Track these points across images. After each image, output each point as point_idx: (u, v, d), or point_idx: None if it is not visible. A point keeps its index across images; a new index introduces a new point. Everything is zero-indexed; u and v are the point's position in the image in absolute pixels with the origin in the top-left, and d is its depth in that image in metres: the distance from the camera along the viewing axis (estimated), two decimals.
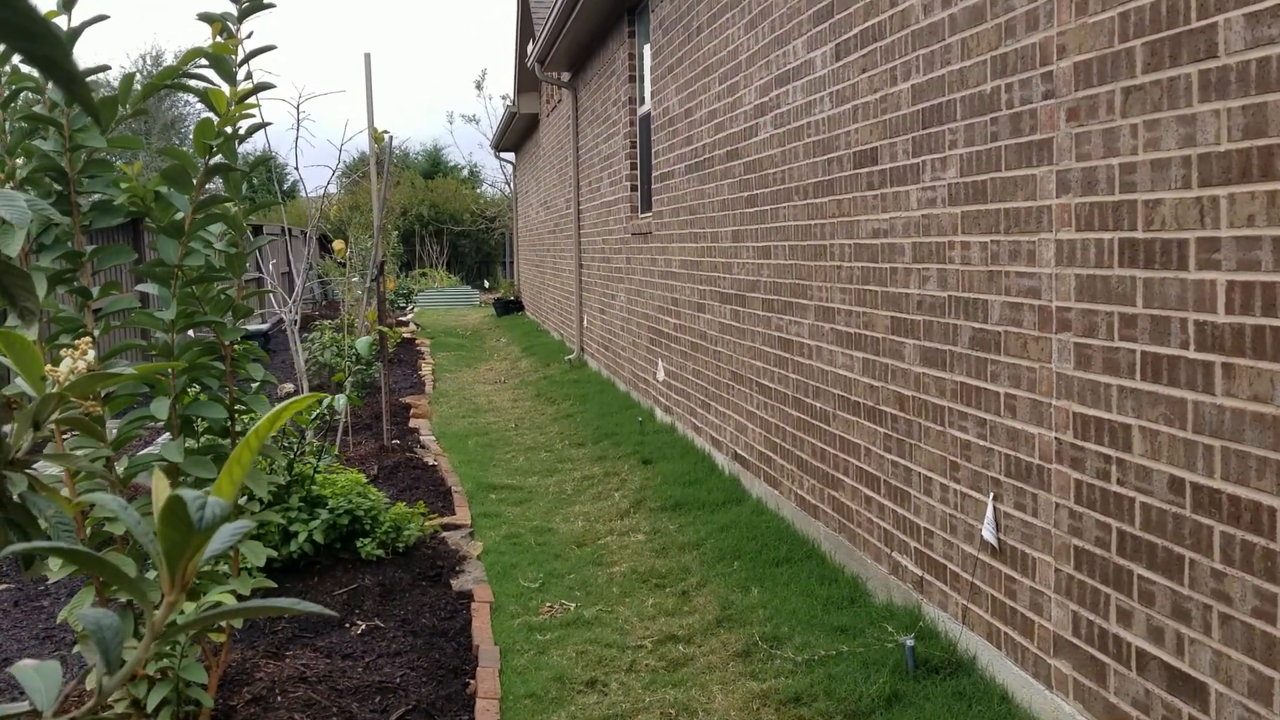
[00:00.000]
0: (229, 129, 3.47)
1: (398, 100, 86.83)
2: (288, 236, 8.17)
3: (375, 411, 10.16)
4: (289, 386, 12.47)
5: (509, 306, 23.07)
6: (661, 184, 8.91)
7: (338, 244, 7.78)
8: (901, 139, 4.35)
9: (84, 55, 64.47)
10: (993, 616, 3.75)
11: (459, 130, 58.39)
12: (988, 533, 3.71)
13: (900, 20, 4.34)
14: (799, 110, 5.54)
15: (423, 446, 8.88)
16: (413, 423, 10.09)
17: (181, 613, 3.48)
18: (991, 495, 3.71)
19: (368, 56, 8.24)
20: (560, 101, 15.66)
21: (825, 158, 5.19)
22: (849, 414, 5.00)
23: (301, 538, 5.33)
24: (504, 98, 21.02)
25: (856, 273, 4.85)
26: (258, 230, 18.67)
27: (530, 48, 14.46)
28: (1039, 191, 3.39)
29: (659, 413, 9.24)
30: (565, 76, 14.29)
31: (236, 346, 4.38)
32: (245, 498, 3.92)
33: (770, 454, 6.23)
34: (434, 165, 43.48)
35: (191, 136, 3.50)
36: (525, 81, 18.45)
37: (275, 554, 4.02)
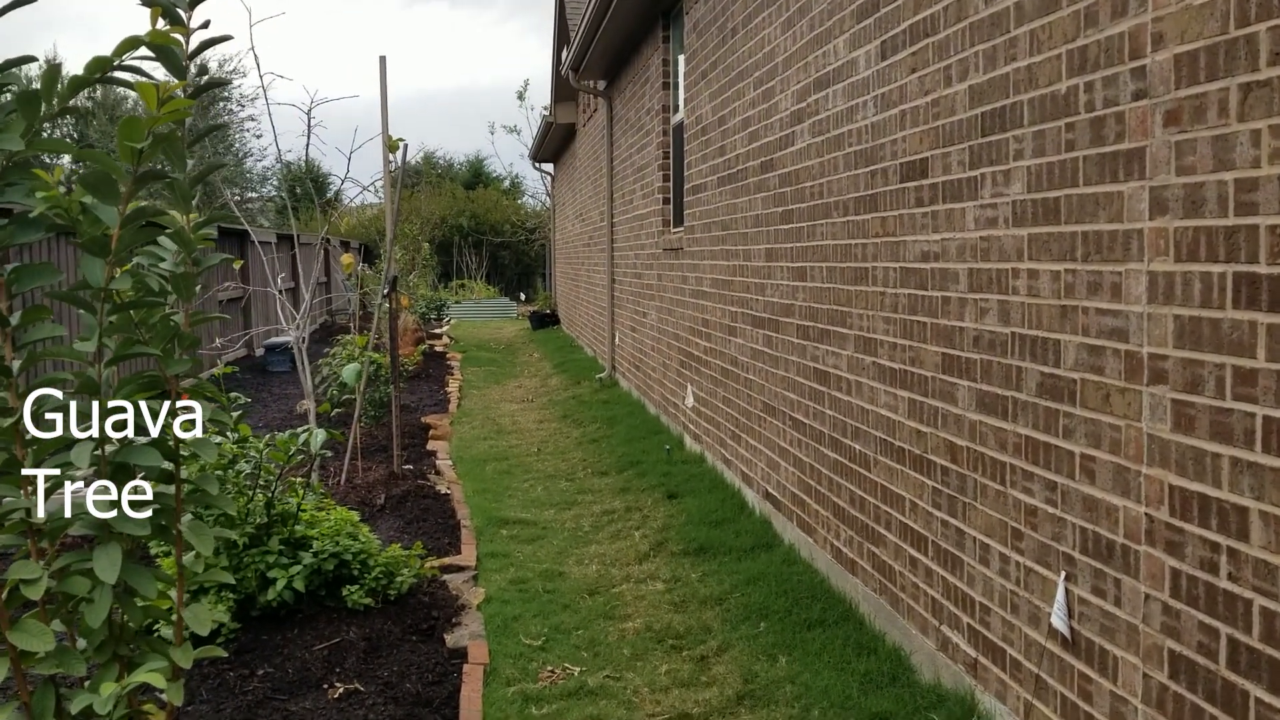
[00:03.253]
0: (163, 129, 2.96)
1: (443, 110, 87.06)
2: (309, 246, 7.73)
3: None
4: (307, 404, 12.03)
5: (544, 320, 22.63)
6: (694, 196, 8.35)
7: (345, 258, 7.32)
8: (957, 148, 3.75)
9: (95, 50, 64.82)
10: (1062, 719, 3.13)
11: (501, 141, 58.20)
12: (1057, 619, 3.10)
13: (956, 11, 3.75)
14: (839, 116, 4.96)
15: (437, 472, 8.37)
16: (431, 444, 9.60)
17: None
18: (1063, 575, 3.10)
19: (383, 60, 7.77)
20: (595, 111, 15.17)
21: (868, 169, 4.60)
22: (892, 460, 4.40)
23: (280, 585, 4.81)
24: (544, 109, 20.63)
25: (902, 300, 4.25)
26: (289, 240, 18.27)
27: (565, 54, 13.99)
28: (1127, 212, 2.79)
29: (688, 440, 8.67)
30: (600, 85, 13.79)
31: (222, 368, 3.83)
32: (192, 554, 3.41)
33: (804, 497, 5.64)
34: (475, 176, 43.23)
35: (240, 146, 3.01)
36: (562, 91, 17.99)
37: (221, 622, 3.51)
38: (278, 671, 4.50)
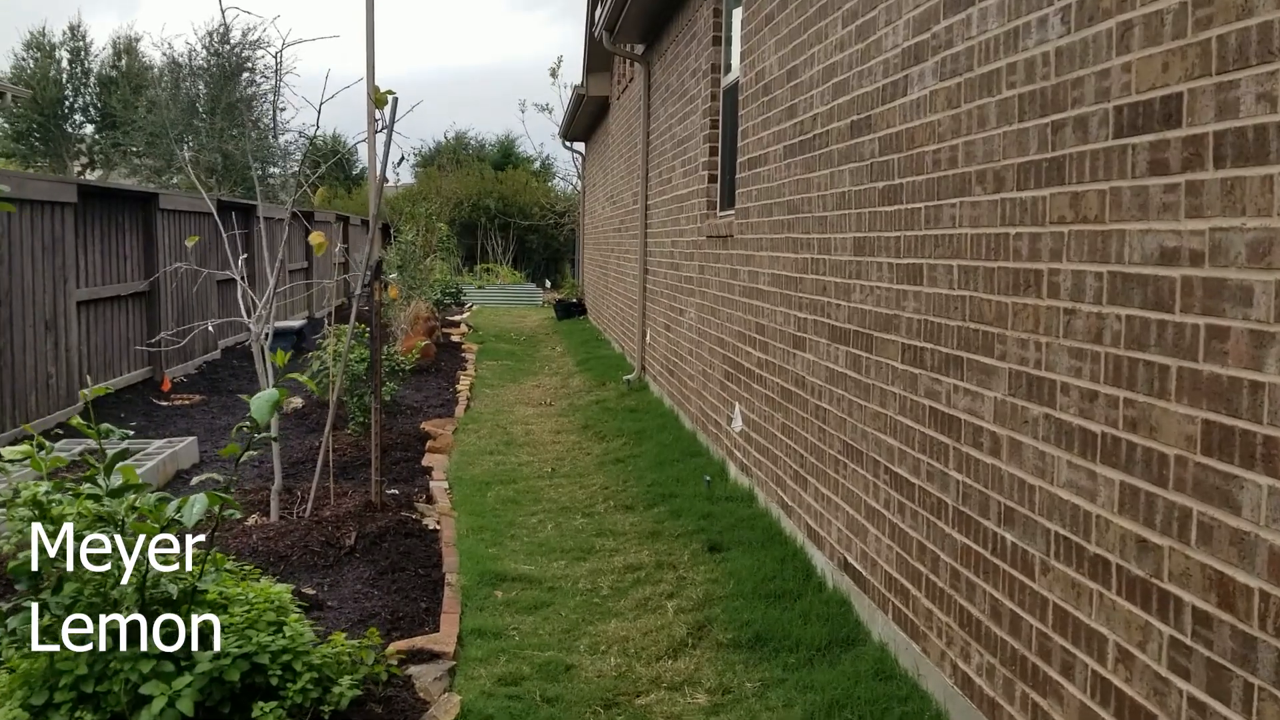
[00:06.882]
0: None
1: (473, 89, 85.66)
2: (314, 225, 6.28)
3: (389, 440, 8.19)
4: (297, 401, 10.60)
5: (570, 309, 21.10)
6: (750, 172, 6.78)
7: (314, 237, 5.87)
8: (1250, 74, 2.18)
9: (152, 25, 63.65)
10: None
11: (532, 120, 56.46)
12: None
13: None
14: (990, 47, 3.39)
15: (428, 499, 6.88)
16: (427, 459, 8.11)
17: None
18: None
19: None
20: (632, 80, 13.59)
21: (1045, 121, 3.03)
22: (1083, 575, 2.83)
23: (157, 706, 3.31)
24: (576, 87, 19.15)
25: (1113, 325, 2.68)
26: (309, 217, 16.78)
27: (599, 14, 12.41)
28: None
29: (733, 470, 7.12)
30: (638, 49, 12.21)
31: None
32: None
33: (907, 584, 4.08)
34: (505, 156, 41.73)
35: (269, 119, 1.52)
36: (595, 60, 16.42)
37: None
38: None
